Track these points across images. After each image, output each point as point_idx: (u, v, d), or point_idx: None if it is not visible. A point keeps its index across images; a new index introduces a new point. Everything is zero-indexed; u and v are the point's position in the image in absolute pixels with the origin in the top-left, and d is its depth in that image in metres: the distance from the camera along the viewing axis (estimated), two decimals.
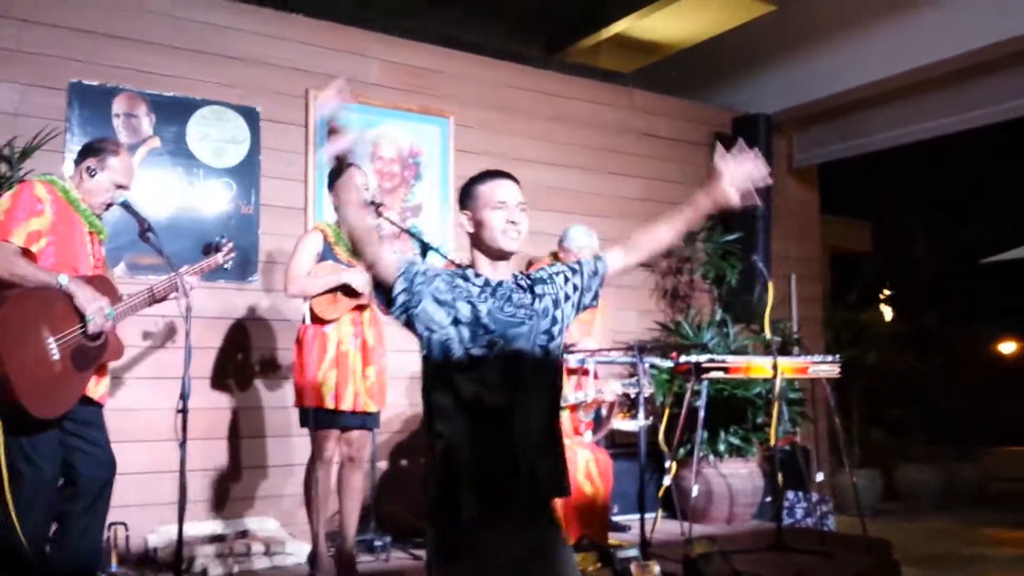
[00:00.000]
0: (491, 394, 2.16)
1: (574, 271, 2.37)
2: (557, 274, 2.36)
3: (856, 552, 4.87)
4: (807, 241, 7.16)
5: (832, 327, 7.69)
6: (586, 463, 4.47)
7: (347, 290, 3.90)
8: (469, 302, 2.22)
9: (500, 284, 2.28)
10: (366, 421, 3.98)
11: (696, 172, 6.75)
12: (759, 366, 5.13)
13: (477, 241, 2.31)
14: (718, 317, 6.07)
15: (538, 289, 2.31)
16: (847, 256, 9.90)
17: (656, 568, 3.99)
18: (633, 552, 4.09)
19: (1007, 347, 11.39)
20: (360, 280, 3.86)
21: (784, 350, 5.95)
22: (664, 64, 7.81)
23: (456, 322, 2.19)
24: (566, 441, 2.56)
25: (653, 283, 6.44)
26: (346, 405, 3.87)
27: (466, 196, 2.34)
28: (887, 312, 9.60)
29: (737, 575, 3.99)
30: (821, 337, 7.16)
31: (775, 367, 4.98)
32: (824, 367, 5.21)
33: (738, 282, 6.27)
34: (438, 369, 2.20)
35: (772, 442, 4.95)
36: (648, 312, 6.36)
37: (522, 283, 2.32)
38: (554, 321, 2.28)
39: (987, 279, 9.53)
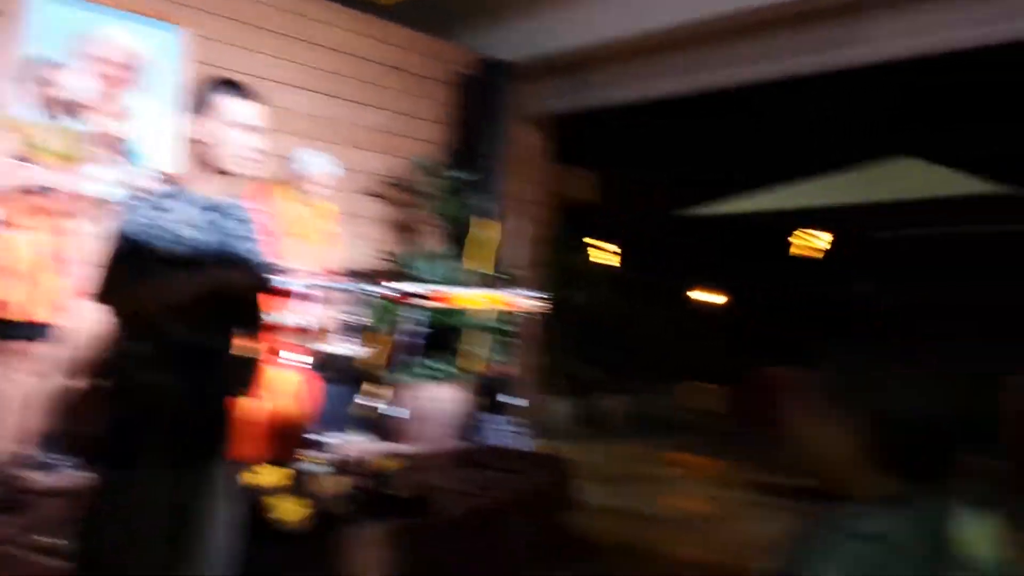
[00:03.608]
0: (187, 334, 2.10)
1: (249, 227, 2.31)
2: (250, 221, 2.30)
3: (541, 469, 5.43)
4: (537, 186, 7.63)
5: (552, 269, 8.30)
6: (294, 385, 4.64)
7: None
8: (171, 242, 2.10)
9: (216, 206, 2.20)
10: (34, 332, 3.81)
11: (441, 110, 6.97)
12: (468, 297, 5.50)
13: (203, 155, 2.18)
14: (444, 251, 6.39)
15: (247, 222, 2.27)
16: (575, 205, 10.61)
17: (344, 482, 4.19)
18: (326, 468, 4.29)
19: (702, 296, 12.83)
20: None
21: (504, 286, 6.42)
22: (421, 1, 7.89)
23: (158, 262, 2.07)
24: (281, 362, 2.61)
25: (384, 215, 6.63)
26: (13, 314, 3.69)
27: (201, 103, 2.20)
28: (605, 258, 10.46)
29: (425, 488, 4.34)
30: (540, 277, 7.72)
31: (483, 299, 5.41)
32: (532, 302, 5.69)
33: (467, 220, 6.60)
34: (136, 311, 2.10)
35: (475, 369, 5.39)
36: (376, 243, 6.55)
37: (241, 215, 2.26)
38: (248, 255, 2.25)
39: (688, 232, 10.59)
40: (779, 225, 9.04)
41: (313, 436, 5.23)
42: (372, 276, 6.01)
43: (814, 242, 10.35)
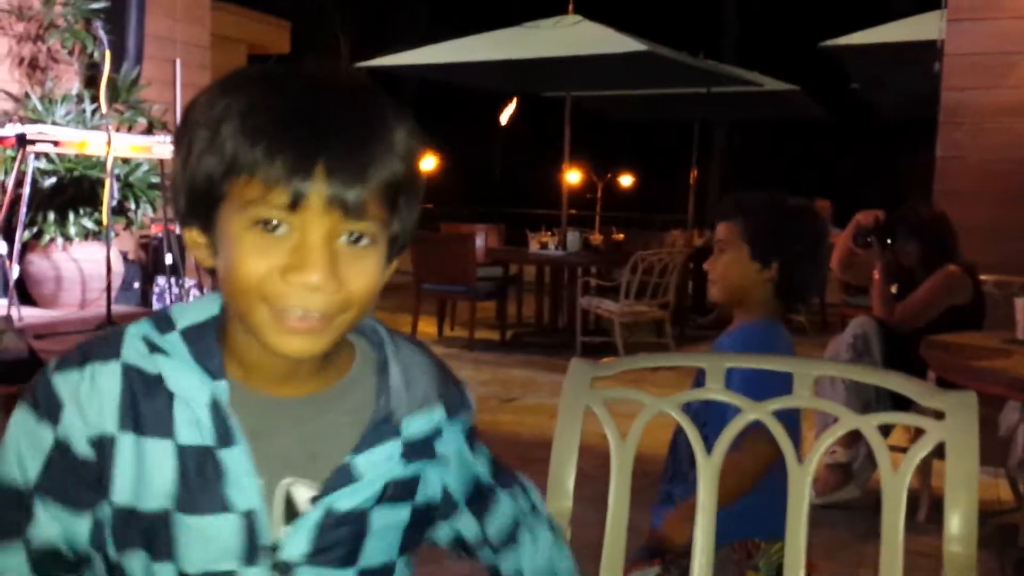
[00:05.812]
0: None
1: None
2: None
3: None
4: (195, 25, 6.80)
5: None
6: None
7: None
8: None
9: None
10: None
11: None
12: (105, 144, 4.84)
13: None
14: (76, 92, 5.56)
15: None
16: (264, 55, 9.82)
17: None
18: None
19: None
20: None
21: (150, 133, 5.74)
22: None
23: None
24: None
25: (6, 49, 5.64)
26: None
27: None
28: None
29: (31, 351, 3.82)
30: None
31: (126, 147, 4.85)
32: (170, 147, 5.11)
33: (103, 56, 5.73)
34: None
35: (104, 222, 4.81)
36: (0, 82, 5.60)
37: None
38: None
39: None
40: (454, 79, 8.88)
41: None
42: None
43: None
